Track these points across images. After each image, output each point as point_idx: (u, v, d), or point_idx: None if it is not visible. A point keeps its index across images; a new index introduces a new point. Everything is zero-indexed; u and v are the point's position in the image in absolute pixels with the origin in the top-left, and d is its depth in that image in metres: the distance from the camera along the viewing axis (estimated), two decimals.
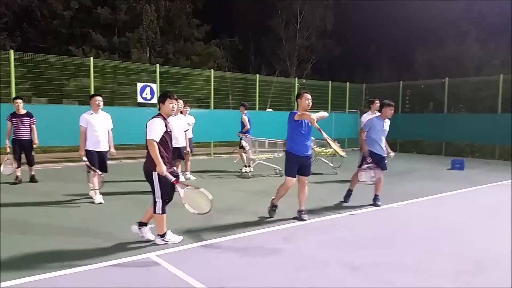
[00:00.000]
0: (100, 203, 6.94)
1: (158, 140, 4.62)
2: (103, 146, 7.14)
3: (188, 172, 9.73)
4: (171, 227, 5.20)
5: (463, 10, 25.26)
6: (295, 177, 6.06)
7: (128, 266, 4.14)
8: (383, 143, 7.25)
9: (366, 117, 8.99)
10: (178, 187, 4.63)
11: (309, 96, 5.93)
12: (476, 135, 16.23)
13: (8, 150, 8.68)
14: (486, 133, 15.74)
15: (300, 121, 5.87)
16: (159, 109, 4.87)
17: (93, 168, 6.92)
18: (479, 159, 16.23)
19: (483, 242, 5.22)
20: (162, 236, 4.79)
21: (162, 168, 4.52)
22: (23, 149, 8.94)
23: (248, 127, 10.76)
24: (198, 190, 4.61)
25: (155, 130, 4.62)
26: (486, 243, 5.17)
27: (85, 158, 6.96)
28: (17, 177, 8.92)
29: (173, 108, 4.91)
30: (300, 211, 6.16)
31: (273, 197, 6.29)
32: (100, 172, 6.94)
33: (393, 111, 7.19)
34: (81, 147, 7.02)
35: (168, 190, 4.74)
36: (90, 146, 7.01)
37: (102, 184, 6.95)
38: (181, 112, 9.61)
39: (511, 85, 15.52)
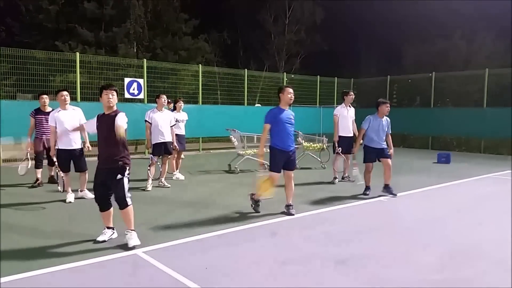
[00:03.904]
0: (70, 202, 6.74)
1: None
2: (76, 144, 6.88)
3: (175, 172, 9.34)
4: (156, 222, 5.19)
5: (448, 8, 25.53)
6: (280, 172, 6.12)
7: (115, 263, 4.13)
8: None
9: (339, 109, 9.02)
10: None
11: (291, 90, 6.10)
12: (463, 129, 16.45)
13: (28, 149, 8.04)
14: (472, 126, 15.95)
15: (281, 116, 6.02)
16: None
17: (59, 169, 6.79)
18: (465, 152, 16.46)
19: (469, 235, 5.30)
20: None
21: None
22: (46, 149, 8.07)
23: None
24: None
25: None
26: (472, 235, 5.26)
27: (55, 158, 6.81)
28: (37, 179, 8.18)
29: (109, 99, 4.66)
30: (287, 206, 6.19)
31: (253, 193, 6.31)
32: (62, 175, 6.78)
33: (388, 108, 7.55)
34: (51, 147, 6.86)
35: (98, 185, 4.72)
36: (62, 145, 6.76)
37: (69, 183, 6.85)
38: (175, 108, 9.53)
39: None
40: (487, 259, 4.34)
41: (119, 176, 4.58)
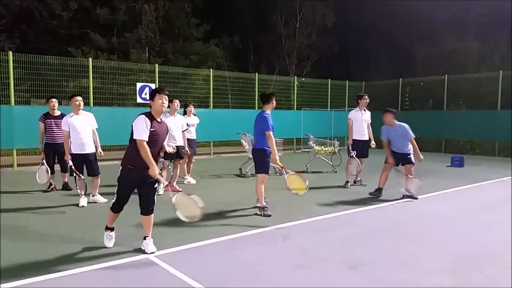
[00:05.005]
0: (83, 206, 6.79)
1: (147, 139, 4.36)
2: (89, 148, 6.98)
3: (187, 176, 9.42)
4: (167, 226, 5.21)
5: (461, 8, 25.28)
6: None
7: (127, 267, 4.15)
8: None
9: (353, 113, 8.99)
10: (170, 193, 4.65)
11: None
12: (476, 132, 16.21)
13: (42, 155, 8.09)
14: (486, 129, 15.72)
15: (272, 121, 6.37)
16: (150, 108, 4.57)
17: (76, 172, 6.85)
18: (479, 155, 16.22)
19: (482, 240, 5.22)
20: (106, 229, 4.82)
21: (155, 170, 4.33)
22: (57, 154, 8.09)
23: None
24: (189, 197, 4.55)
25: (140, 129, 4.35)
26: (485, 241, 5.17)
27: (71, 163, 6.88)
28: (50, 184, 8.20)
29: (163, 103, 4.45)
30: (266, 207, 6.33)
31: (257, 204, 6.42)
32: (82, 177, 6.82)
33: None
34: (66, 151, 6.93)
35: (128, 190, 4.61)
36: (75, 150, 6.87)
37: (85, 188, 6.85)
38: (185, 113, 9.52)
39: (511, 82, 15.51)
40: (499, 267, 4.27)
41: (156, 185, 4.71)
